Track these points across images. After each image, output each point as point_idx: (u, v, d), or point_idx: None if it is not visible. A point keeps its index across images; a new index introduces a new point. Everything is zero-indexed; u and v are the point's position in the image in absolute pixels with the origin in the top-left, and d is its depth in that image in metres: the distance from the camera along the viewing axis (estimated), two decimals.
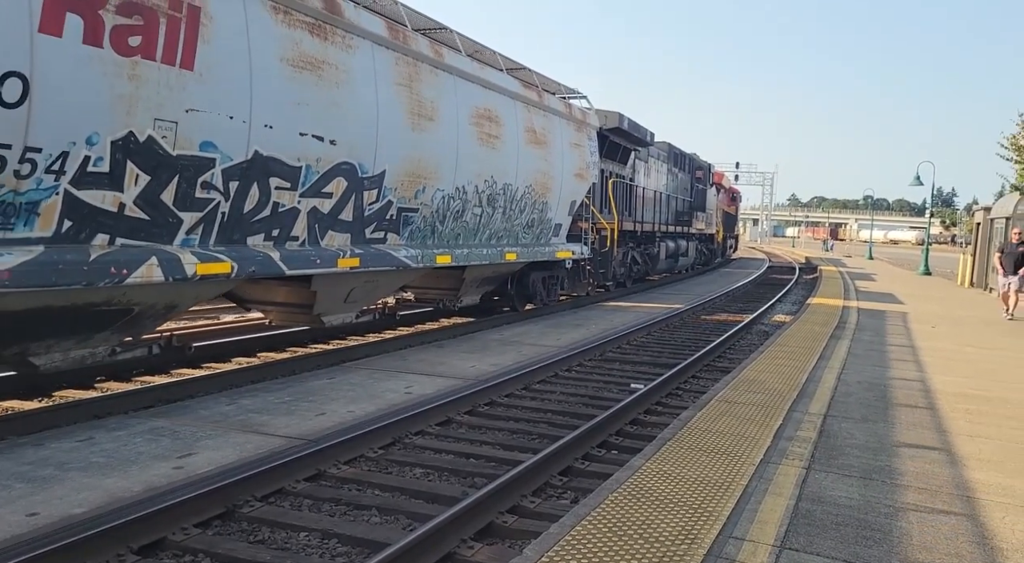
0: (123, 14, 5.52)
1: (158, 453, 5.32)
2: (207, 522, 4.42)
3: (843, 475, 4.71)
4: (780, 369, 8.12)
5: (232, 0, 6.50)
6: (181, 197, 6.30)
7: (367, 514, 4.69)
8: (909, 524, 3.98)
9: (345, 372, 8.35)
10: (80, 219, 5.60)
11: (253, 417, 6.35)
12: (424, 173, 9.30)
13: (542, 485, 5.25)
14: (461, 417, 6.94)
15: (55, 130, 5.24)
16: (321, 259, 7.87)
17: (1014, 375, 8.74)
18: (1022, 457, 5.34)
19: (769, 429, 5.65)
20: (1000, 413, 6.68)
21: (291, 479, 5.07)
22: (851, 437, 5.58)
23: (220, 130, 6.43)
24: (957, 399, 7.12)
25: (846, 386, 7.45)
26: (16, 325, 5.59)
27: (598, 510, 3.91)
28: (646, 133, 19.06)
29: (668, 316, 14.56)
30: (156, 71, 5.82)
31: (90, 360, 6.47)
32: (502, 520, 4.60)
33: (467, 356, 9.52)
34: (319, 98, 7.47)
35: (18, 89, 4.96)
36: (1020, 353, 10.48)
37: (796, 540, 3.69)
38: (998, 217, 21.07)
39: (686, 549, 3.50)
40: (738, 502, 4.13)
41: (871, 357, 9.34)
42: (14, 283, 5.06)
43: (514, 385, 8.10)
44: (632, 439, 6.51)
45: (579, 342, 10.83)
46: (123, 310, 6.35)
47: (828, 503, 4.21)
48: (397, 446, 6.04)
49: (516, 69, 12.22)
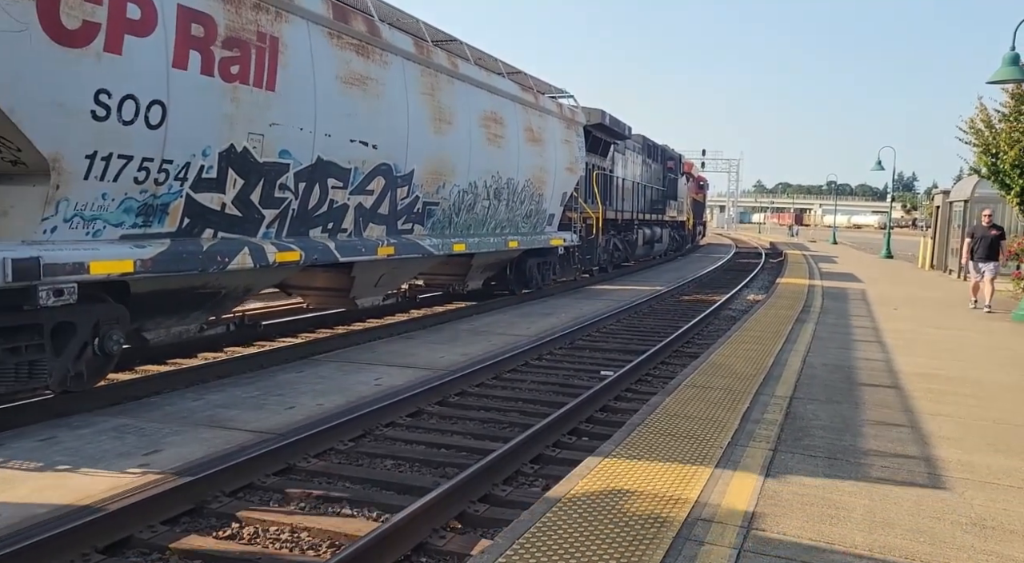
0: (227, 47, 6.72)
1: (123, 451, 5.23)
2: (175, 519, 4.37)
3: (809, 456, 4.80)
4: (747, 353, 8.24)
5: (300, 29, 7.65)
6: (264, 197, 7.53)
7: (338, 507, 4.67)
8: (872, 502, 4.07)
9: (314, 365, 8.28)
10: (195, 217, 6.84)
11: (221, 412, 6.27)
12: (444, 171, 10.56)
13: (513, 473, 5.27)
14: (432, 407, 6.94)
15: (182, 145, 6.44)
16: (365, 248, 9.12)
17: (972, 354, 8.96)
18: (980, 434, 5.49)
19: (736, 413, 5.73)
20: (960, 391, 6.85)
21: (260, 473, 5.02)
22: (816, 418, 5.69)
23: (293, 140, 7.65)
24: (919, 379, 7.29)
25: (811, 369, 7.58)
26: (142, 305, 6.75)
27: (569, 496, 3.94)
28: (624, 127, 20.23)
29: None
30: (250, 93, 7.02)
31: (185, 336, 7.74)
32: (474, 509, 4.61)
33: (437, 346, 9.50)
34: (364, 109, 8.67)
35: (159, 114, 6.15)
36: (977, 333, 10.75)
37: (763, 521, 3.75)
38: (956, 200, 21.54)
39: (656, 532, 3.54)
40: (706, 485, 4.19)
41: (835, 340, 9.51)
42: (153, 269, 6.32)
43: (485, 374, 8.11)
44: (603, 426, 6.56)
45: (548, 330, 10.87)
46: (213, 293, 7.61)
47: (794, 483, 4.29)
48: (368, 438, 6.01)
49: (514, 73, 13.28)
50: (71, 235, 5.81)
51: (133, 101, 5.91)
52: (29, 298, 5.48)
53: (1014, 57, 11.78)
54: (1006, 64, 11.74)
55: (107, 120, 5.75)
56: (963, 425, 5.70)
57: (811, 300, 14.02)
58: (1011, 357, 8.91)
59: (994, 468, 4.72)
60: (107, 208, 6.04)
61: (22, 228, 5.57)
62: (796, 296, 14.54)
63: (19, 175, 5.56)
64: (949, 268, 22.13)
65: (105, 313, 6.33)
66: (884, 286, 18.09)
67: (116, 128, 5.83)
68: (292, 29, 7.52)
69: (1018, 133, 15.79)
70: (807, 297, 14.49)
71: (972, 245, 13.64)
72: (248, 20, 6.95)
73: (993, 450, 5.10)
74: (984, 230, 13.62)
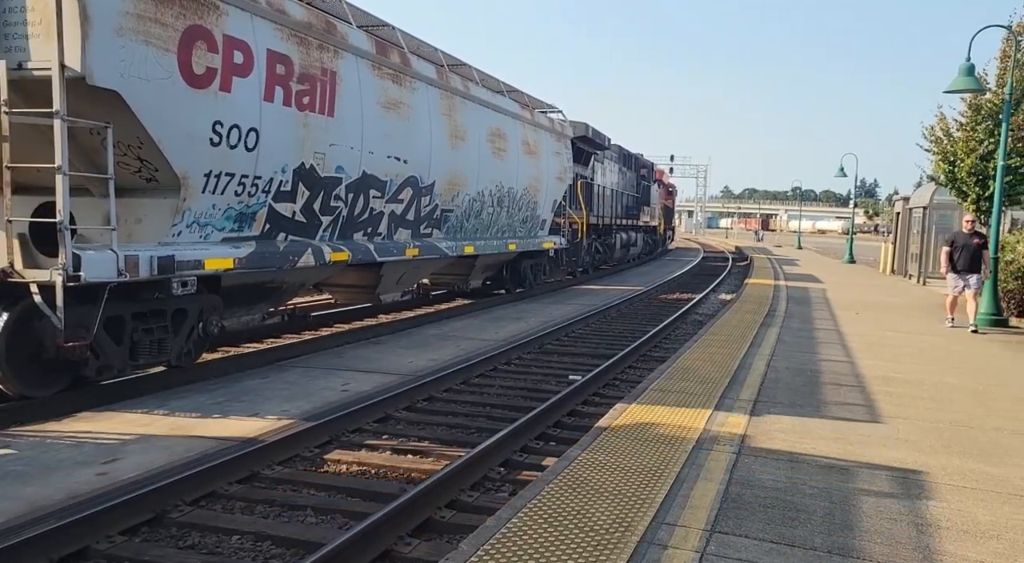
0: (300, 82, 8.04)
1: (81, 459, 5.12)
2: (134, 529, 4.28)
3: (771, 459, 4.87)
4: (713, 357, 8.33)
5: (351, 64, 8.95)
6: (323, 206, 8.83)
7: (302, 514, 4.63)
8: (832, 504, 4.13)
9: (280, 371, 8.19)
10: (274, 223, 8.15)
11: (184, 419, 6.17)
12: (458, 181, 11.96)
13: (480, 479, 5.26)
14: (399, 413, 6.90)
15: (269, 164, 7.75)
16: (396, 249, 10.46)
17: (929, 357, 9.17)
18: (936, 436, 5.62)
19: (702, 416, 5.79)
20: (917, 394, 7.00)
21: (223, 481, 4.95)
22: (779, 421, 5.77)
23: (345, 157, 8.97)
24: (879, 382, 7.44)
25: (775, 372, 7.69)
26: (227, 296, 8.02)
27: (535, 501, 3.95)
28: (605, 139, 21.82)
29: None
30: (316, 119, 8.33)
31: (251, 324, 9.73)
32: (440, 515, 4.59)
33: (405, 352, 9.46)
34: (398, 129, 10.01)
35: (254, 139, 7.47)
36: (935, 337, 11.00)
37: (726, 524, 3.79)
38: (916, 206, 22.03)
39: (620, 536, 3.56)
40: (671, 488, 4.23)
41: (799, 344, 9.66)
42: (245, 266, 7.59)
43: (453, 380, 8.09)
44: (570, 430, 6.58)
45: (518, 335, 10.88)
46: (277, 287, 8.98)
47: (756, 486, 4.34)
48: (334, 444, 5.96)
49: (512, 91, 14.51)
50: (190, 238, 7.08)
51: (237, 129, 7.23)
52: (163, 288, 6.91)
53: (969, 67, 12.10)
54: (962, 74, 12.05)
55: (219, 145, 7.06)
56: (919, 427, 5.83)
57: (776, 304, 14.23)
58: (967, 360, 9.13)
59: (949, 469, 4.84)
60: (215, 216, 7.33)
61: (155, 232, 6.79)
62: (761, 300, 14.75)
63: (151, 190, 6.80)
64: (909, 273, 22.60)
65: (207, 302, 7.69)
66: (847, 290, 18.43)
67: (225, 151, 7.14)
68: (345, 64, 8.84)
69: (974, 142, 16.22)
70: (772, 301, 14.71)
71: (951, 254, 11.94)
72: (315, 58, 8.27)
73: (948, 452, 5.22)
74: (965, 238, 11.97)
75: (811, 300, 15.57)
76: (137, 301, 6.88)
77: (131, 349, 6.88)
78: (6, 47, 5.78)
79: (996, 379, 7.97)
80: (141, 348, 6.95)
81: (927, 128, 17.77)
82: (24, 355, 6.21)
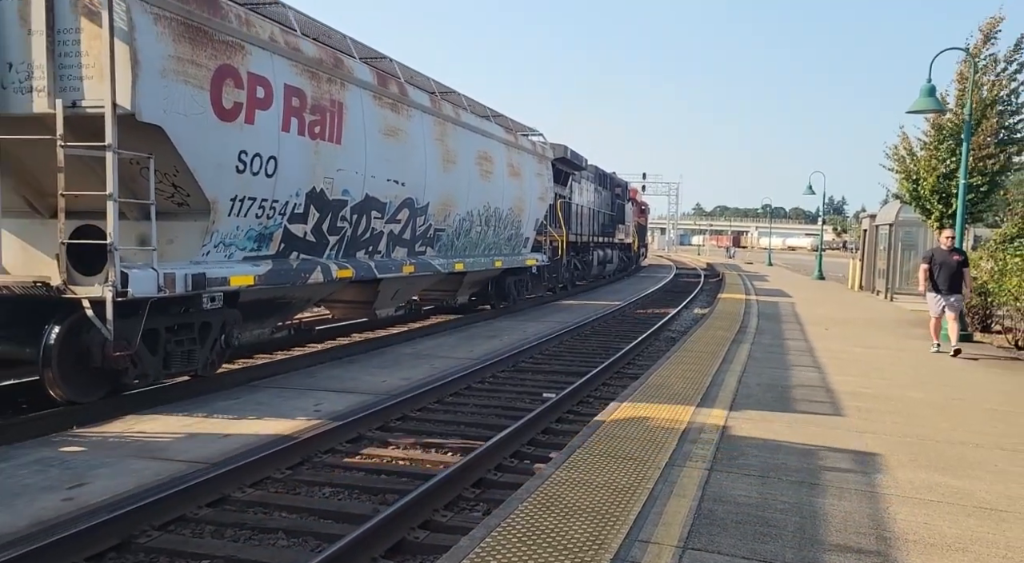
0: (312, 113, 8.64)
1: (46, 484, 5.01)
2: (100, 555, 4.20)
3: (743, 474, 4.91)
4: (685, 374, 8.40)
5: (356, 95, 9.60)
6: (330, 226, 9.45)
7: (273, 537, 4.57)
8: (803, 519, 4.18)
9: (252, 391, 8.10)
10: (288, 242, 8.77)
11: (152, 441, 6.07)
12: (450, 202, 12.61)
13: (455, 499, 5.23)
14: (372, 433, 6.85)
15: (285, 188, 8.37)
16: (394, 266, 11.09)
17: (895, 372, 9.33)
18: (904, 450, 5.71)
19: (675, 433, 5.83)
20: (885, 409, 7.12)
21: (193, 505, 4.87)
22: (751, 438, 5.83)
23: (351, 181, 9.61)
24: (848, 397, 7.55)
25: (747, 388, 7.78)
26: (244, 312, 8.58)
27: (508, 520, 3.94)
28: (582, 159, 22.55)
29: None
30: (326, 147, 8.96)
31: (262, 337, 10.74)
32: (413, 536, 4.56)
33: (378, 371, 9.41)
34: (396, 154, 10.65)
35: (273, 166, 8.10)
36: (902, 352, 11.20)
37: (698, 540, 3.82)
38: (883, 223, 22.47)
39: (593, 555, 3.57)
40: (644, 506, 4.25)
41: (770, 360, 9.78)
42: (264, 282, 8.19)
43: (427, 398, 8.06)
44: (544, 448, 6.58)
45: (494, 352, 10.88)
46: (287, 302, 9.64)
47: (729, 502, 4.38)
48: (306, 466, 5.90)
49: (497, 115, 15.11)
50: (217, 257, 7.72)
51: (259, 157, 7.84)
52: (195, 303, 7.57)
53: (930, 89, 12.44)
54: (923, 95, 12.38)
55: (244, 172, 7.67)
56: (886, 442, 5.92)
57: (747, 320, 14.40)
58: (933, 375, 9.31)
59: (916, 482, 4.92)
60: (238, 237, 7.94)
61: (186, 252, 7.41)
62: (733, 317, 14.91)
63: (183, 214, 7.45)
64: (877, 289, 23.00)
65: (229, 316, 8.25)
66: (816, 306, 18.71)
67: (248, 178, 7.76)
68: (351, 95, 9.46)
69: (936, 161, 16.63)
70: (744, 317, 14.87)
71: (930, 271, 11.13)
72: (325, 90, 8.90)
73: (915, 465, 5.32)
74: (944, 255, 11.08)
75: (781, 316, 15.78)
76: (168, 315, 7.44)
77: (164, 359, 7.44)
78: (61, 87, 6.35)
79: (960, 393, 8.14)
80: (173, 358, 7.53)
81: (891, 147, 18.18)
82: (73, 364, 6.78)
